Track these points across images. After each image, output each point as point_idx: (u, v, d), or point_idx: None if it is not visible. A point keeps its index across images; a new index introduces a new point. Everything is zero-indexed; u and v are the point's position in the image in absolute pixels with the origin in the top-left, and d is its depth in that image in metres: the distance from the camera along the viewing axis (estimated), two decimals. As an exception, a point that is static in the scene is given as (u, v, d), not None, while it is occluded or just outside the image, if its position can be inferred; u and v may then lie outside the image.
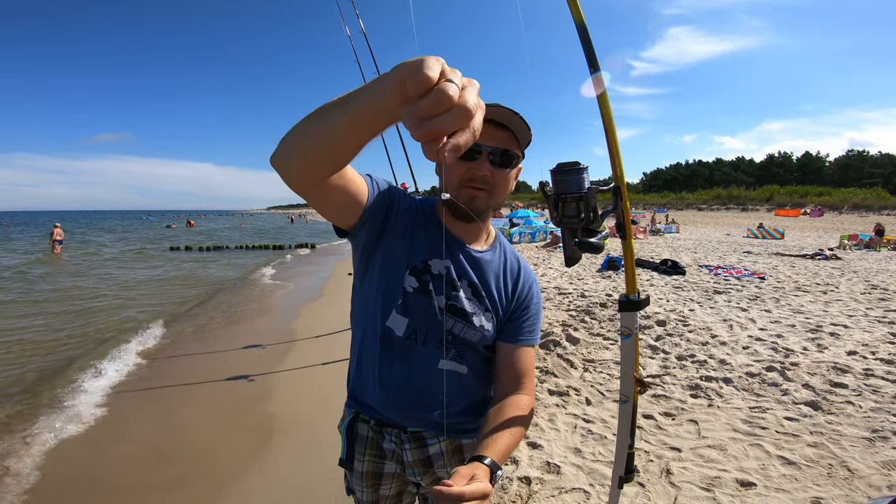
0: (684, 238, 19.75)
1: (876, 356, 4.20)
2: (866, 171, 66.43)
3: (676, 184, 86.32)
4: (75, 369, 5.06)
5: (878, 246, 15.16)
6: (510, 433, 0.97)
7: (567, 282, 8.40)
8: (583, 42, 1.25)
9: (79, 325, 7.09)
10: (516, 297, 1.15)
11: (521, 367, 1.11)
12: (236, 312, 8.01)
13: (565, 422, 3.24)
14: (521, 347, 1.12)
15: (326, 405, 3.78)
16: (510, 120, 1.00)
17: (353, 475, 1.18)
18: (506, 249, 1.19)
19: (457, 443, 1.16)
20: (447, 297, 1.07)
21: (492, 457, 0.89)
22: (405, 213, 1.09)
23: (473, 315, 1.09)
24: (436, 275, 1.07)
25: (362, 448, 1.16)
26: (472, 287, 1.10)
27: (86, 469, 3.09)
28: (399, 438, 1.14)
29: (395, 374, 1.09)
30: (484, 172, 1.00)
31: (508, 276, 1.16)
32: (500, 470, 0.89)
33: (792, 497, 2.34)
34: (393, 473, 1.17)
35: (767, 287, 7.64)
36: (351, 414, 1.18)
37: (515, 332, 1.13)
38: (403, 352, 1.08)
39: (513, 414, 1.01)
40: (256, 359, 5.28)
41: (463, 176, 1.01)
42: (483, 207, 1.04)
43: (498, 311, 1.12)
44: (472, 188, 1.02)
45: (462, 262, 1.10)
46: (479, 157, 1.00)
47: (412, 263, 1.07)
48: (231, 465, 3.11)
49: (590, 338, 4.98)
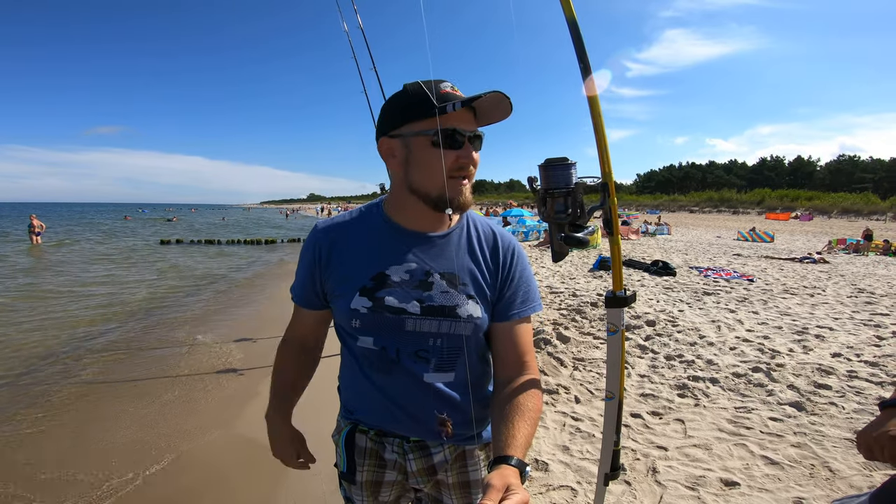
0: (676, 239, 19.87)
1: (860, 358, 4.25)
2: (857, 176, 67.28)
3: (670, 185, 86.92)
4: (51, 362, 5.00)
5: (865, 250, 15.36)
6: (527, 422, 0.92)
7: (559, 281, 8.42)
8: (574, 39, 1.24)
9: (54, 318, 7.01)
10: (500, 269, 1.06)
11: (521, 344, 1.05)
12: (227, 306, 7.96)
13: (554, 420, 3.25)
14: (518, 323, 1.06)
15: (317, 400, 3.75)
16: (498, 98, 0.92)
17: (354, 485, 1.12)
18: (475, 221, 1.10)
19: (460, 449, 1.11)
20: (420, 300, 1.00)
21: (517, 455, 0.84)
22: (329, 256, 1.05)
23: (457, 307, 1.00)
24: (398, 282, 1.00)
25: (362, 459, 1.11)
26: (447, 278, 1.02)
27: (69, 461, 3.06)
28: (402, 448, 1.08)
29: (385, 389, 1.05)
30: (473, 160, 0.96)
31: (485, 248, 1.07)
32: (527, 466, 0.84)
33: (775, 497, 2.36)
34: (394, 481, 1.12)
35: (756, 289, 7.71)
36: (348, 424, 1.12)
37: (508, 308, 1.05)
38: (385, 367, 1.03)
39: (524, 400, 0.96)
40: (247, 352, 5.25)
41: (452, 166, 0.93)
42: (470, 196, 0.99)
43: (484, 292, 1.04)
44: (459, 179, 0.96)
45: (427, 255, 1.02)
46: (463, 145, 0.94)
47: (361, 284, 1.01)
48: (219, 459, 3.09)
49: (580, 336, 5.00)
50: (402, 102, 0.96)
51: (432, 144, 0.93)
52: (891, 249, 14.85)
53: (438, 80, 0.96)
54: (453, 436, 1.03)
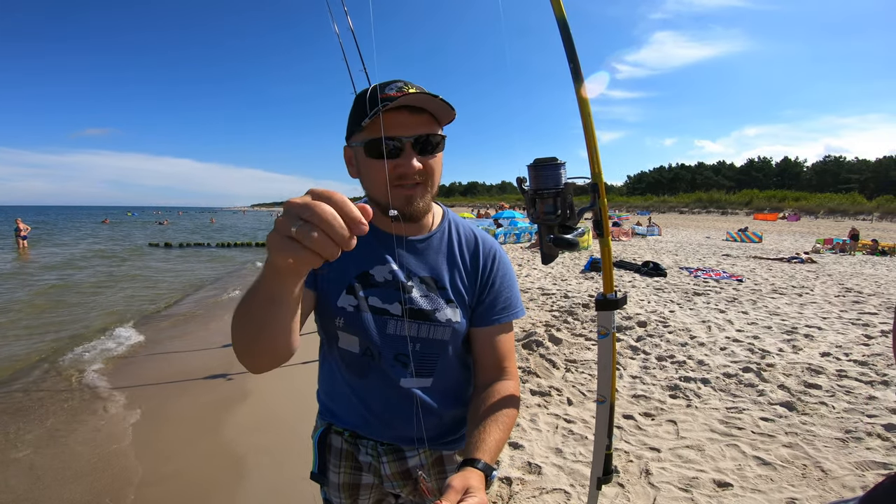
0: (666, 240, 20.02)
1: (849, 357, 4.28)
2: (843, 177, 68.29)
3: (660, 187, 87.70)
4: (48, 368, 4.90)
5: (852, 250, 15.56)
6: (499, 426, 0.92)
7: (551, 283, 8.43)
8: (564, 39, 1.23)
9: (47, 325, 6.89)
10: (479, 273, 1.05)
11: (501, 350, 1.04)
12: (214, 310, 7.87)
13: (547, 422, 3.24)
14: (498, 329, 1.04)
15: (305, 404, 3.71)
16: (424, 101, 0.88)
17: (330, 487, 1.11)
18: (457, 224, 1.08)
19: (437, 454, 1.10)
20: (401, 303, 0.99)
21: (484, 458, 0.84)
22: None
23: (436, 311, 1.00)
24: (381, 283, 0.99)
25: (337, 460, 1.09)
26: (426, 282, 1.01)
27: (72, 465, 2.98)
28: (375, 451, 1.07)
29: (359, 392, 1.04)
30: (415, 167, 0.89)
31: (466, 252, 1.05)
32: (494, 471, 0.85)
33: (767, 498, 2.36)
34: (371, 485, 1.11)
35: (745, 289, 7.76)
36: (323, 425, 1.12)
37: (488, 313, 1.04)
38: (361, 370, 1.02)
39: (500, 406, 0.96)
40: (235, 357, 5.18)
41: (391, 175, 0.88)
42: (424, 205, 0.94)
43: (463, 297, 1.03)
44: (402, 188, 0.91)
45: (407, 258, 1.01)
46: (402, 151, 0.88)
47: (347, 282, 1.00)
48: (209, 464, 3.03)
49: (572, 338, 5.00)
50: (351, 111, 0.95)
51: (366, 154, 0.90)
52: (878, 248, 15.07)
53: (389, 83, 0.90)
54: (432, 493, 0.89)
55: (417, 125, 0.89)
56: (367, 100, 0.88)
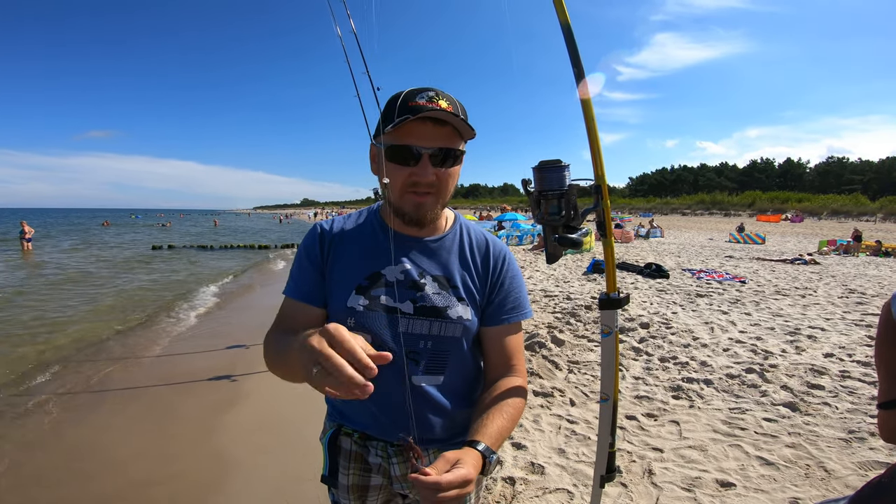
0: (668, 242, 20.00)
1: (852, 358, 4.28)
2: (846, 178, 68.07)
3: (662, 188, 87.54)
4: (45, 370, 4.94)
5: (856, 251, 15.52)
6: (503, 415, 0.95)
7: (553, 284, 8.44)
8: (567, 43, 1.25)
9: (45, 330, 6.93)
10: (490, 274, 1.09)
11: (509, 348, 1.07)
12: (219, 312, 7.90)
13: (549, 423, 3.25)
14: (507, 328, 1.07)
15: (310, 405, 3.74)
16: (447, 118, 0.91)
17: (339, 489, 1.11)
18: (468, 228, 1.13)
19: None
20: (413, 300, 1.02)
21: (485, 441, 0.87)
22: (330, 252, 1.06)
23: (447, 309, 1.02)
24: (392, 282, 1.02)
25: (346, 462, 1.10)
26: (439, 280, 1.04)
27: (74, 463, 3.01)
28: (385, 452, 1.08)
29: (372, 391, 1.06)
30: (428, 178, 0.93)
31: (476, 254, 1.09)
32: (494, 454, 0.87)
33: (770, 497, 2.37)
34: (380, 486, 1.11)
35: (748, 291, 7.76)
36: (333, 427, 1.13)
37: (498, 313, 1.07)
38: None
39: (505, 396, 0.99)
40: (240, 359, 5.21)
41: (405, 181, 0.94)
42: (431, 213, 0.99)
43: (474, 296, 1.06)
44: (415, 194, 0.96)
45: (421, 258, 1.05)
46: (419, 160, 0.93)
47: (357, 282, 1.02)
48: (214, 465, 3.05)
49: (575, 340, 5.01)
50: (382, 111, 0.97)
51: (387, 158, 0.94)
52: (881, 250, 15.02)
53: (421, 90, 0.94)
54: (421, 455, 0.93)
55: (439, 137, 0.93)
56: (396, 106, 0.92)
